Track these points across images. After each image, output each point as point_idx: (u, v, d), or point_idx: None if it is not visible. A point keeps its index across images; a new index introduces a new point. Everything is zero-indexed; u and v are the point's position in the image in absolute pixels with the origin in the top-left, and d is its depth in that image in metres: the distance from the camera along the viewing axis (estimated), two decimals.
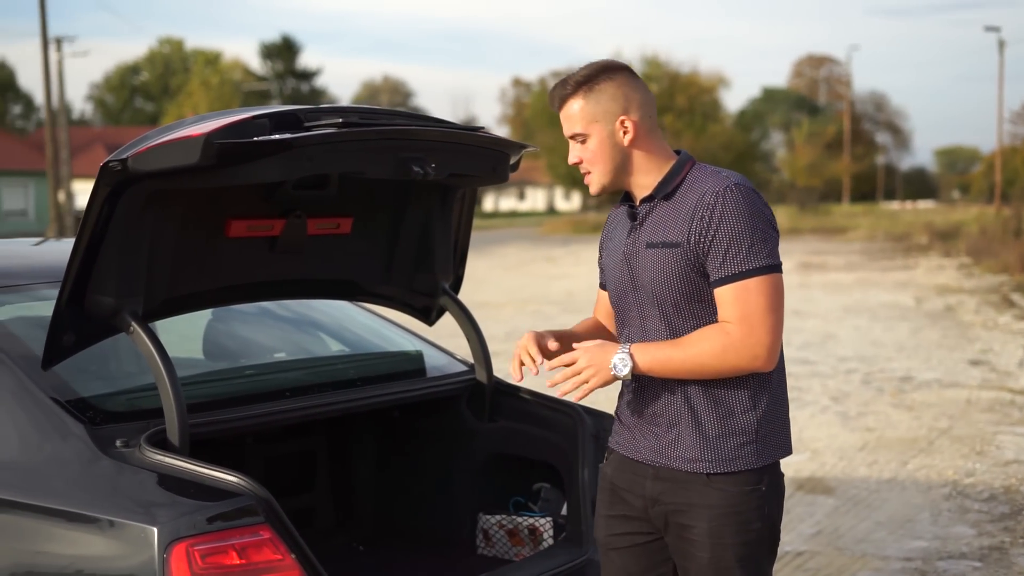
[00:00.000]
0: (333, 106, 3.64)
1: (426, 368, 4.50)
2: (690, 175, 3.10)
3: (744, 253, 2.97)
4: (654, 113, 3.16)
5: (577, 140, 3.12)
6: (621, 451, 3.26)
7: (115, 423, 3.44)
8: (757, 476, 3.06)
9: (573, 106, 3.10)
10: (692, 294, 3.05)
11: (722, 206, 2.98)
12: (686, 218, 3.03)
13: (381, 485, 4.61)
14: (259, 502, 3.12)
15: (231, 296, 3.98)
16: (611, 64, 3.13)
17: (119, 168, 3.24)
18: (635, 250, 3.14)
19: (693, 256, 3.01)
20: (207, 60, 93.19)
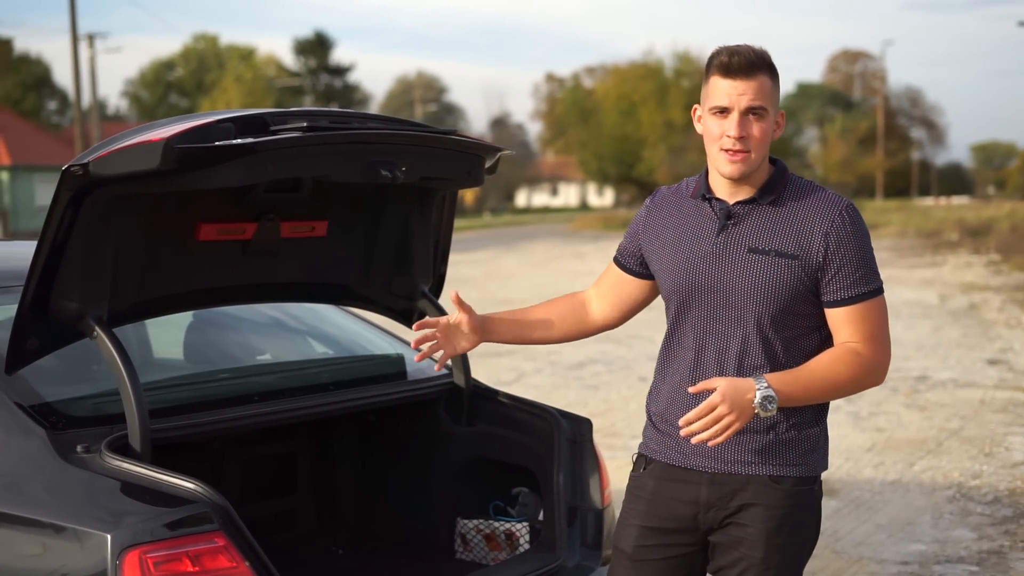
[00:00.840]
0: (303, 109, 3.63)
1: (407, 371, 4.49)
2: (791, 184, 3.11)
3: (868, 274, 3.03)
4: None
5: (755, 115, 3.01)
6: (664, 459, 3.22)
7: (78, 428, 3.45)
8: (812, 479, 3.15)
9: (765, 80, 3.01)
10: (792, 307, 3.05)
11: (849, 225, 3.02)
12: (804, 231, 3.02)
13: (363, 488, 4.61)
14: (215, 509, 3.11)
15: (204, 300, 3.98)
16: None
17: (80, 173, 3.24)
18: (727, 251, 3.08)
19: (810, 271, 3.02)
20: (241, 56, 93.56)
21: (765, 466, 3.09)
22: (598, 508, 4.06)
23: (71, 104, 79.90)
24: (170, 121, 3.37)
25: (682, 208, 3.21)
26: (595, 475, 4.11)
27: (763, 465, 3.09)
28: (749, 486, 3.09)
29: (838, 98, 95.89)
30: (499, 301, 19.76)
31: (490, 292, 21.67)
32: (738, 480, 3.10)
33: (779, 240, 3.04)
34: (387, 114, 5.01)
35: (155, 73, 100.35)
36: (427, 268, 4.34)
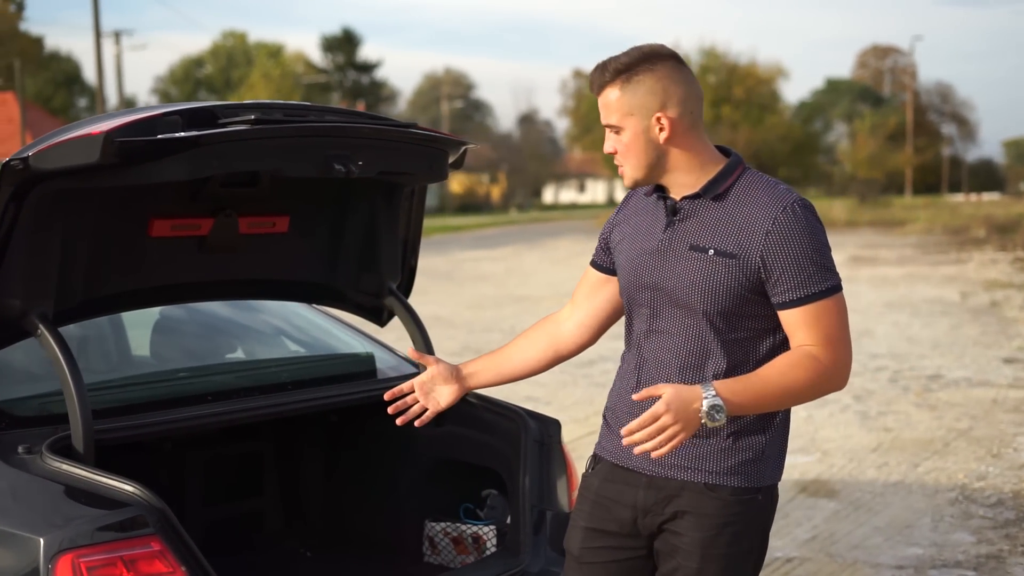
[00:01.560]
0: (257, 102, 3.54)
1: (376, 370, 4.40)
2: (743, 179, 2.95)
3: (820, 273, 2.85)
4: (698, 108, 2.95)
5: (611, 131, 2.94)
6: (611, 459, 3.12)
7: (22, 428, 3.38)
8: (754, 489, 2.98)
9: (609, 95, 2.90)
10: (733, 308, 2.90)
11: (792, 223, 2.85)
12: (746, 230, 2.87)
13: (330, 489, 4.52)
14: (151, 512, 3.03)
15: (159, 297, 3.89)
16: (655, 52, 2.91)
17: (21, 167, 3.16)
18: (671, 248, 2.96)
19: (750, 271, 2.86)
20: (269, 53, 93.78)
21: (700, 472, 2.96)
22: (565, 511, 3.95)
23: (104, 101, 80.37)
24: (117, 114, 3.29)
25: (643, 205, 3.11)
26: (563, 477, 4.00)
27: (698, 471, 2.96)
28: (684, 492, 2.97)
29: (868, 94, 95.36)
30: (517, 298, 19.70)
31: (509, 289, 21.60)
32: (673, 485, 2.98)
33: (720, 238, 2.90)
34: (408, 110, 4.93)
35: (184, 70, 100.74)
36: (395, 265, 4.24)
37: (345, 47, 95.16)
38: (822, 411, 9.67)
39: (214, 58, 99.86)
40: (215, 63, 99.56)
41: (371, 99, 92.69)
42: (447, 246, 37.14)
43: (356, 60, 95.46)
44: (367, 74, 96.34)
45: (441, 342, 14.26)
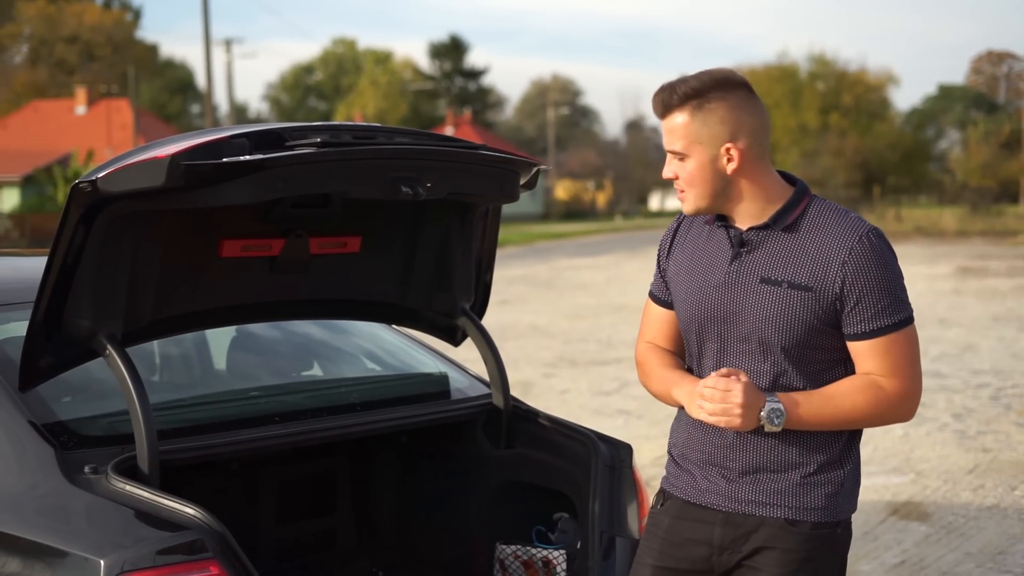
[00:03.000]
0: (326, 124, 3.55)
1: (450, 391, 4.38)
2: (811, 209, 2.89)
3: (893, 305, 2.82)
4: (767, 139, 2.90)
5: (675, 156, 2.88)
6: (682, 496, 3.06)
7: (89, 448, 3.41)
8: (833, 524, 2.94)
9: (676, 119, 2.84)
10: (809, 341, 2.86)
11: (869, 253, 2.81)
12: (819, 261, 2.82)
13: (402, 509, 4.51)
14: (211, 536, 3.04)
15: (229, 317, 3.92)
16: (728, 79, 2.85)
17: (89, 189, 3.19)
18: (739, 281, 2.90)
19: (826, 303, 2.82)
20: (377, 60, 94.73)
21: (780, 508, 2.91)
22: (636, 538, 3.89)
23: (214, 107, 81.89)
24: (184, 137, 3.31)
25: (701, 234, 3.03)
26: (634, 503, 3.94)
27: (778, 507, 2.91)
28: (763, 528, 2.91)
29: (981, 100, 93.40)
30: (615, 307, 19.62)
31: (608, 298, 21.53)
32: (752, 521, 2.93)
33: (793, 270, 2.84)
34: (514, 116, 4.86)
35: (295, 77, 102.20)
36: (468, 286, 4.22)
37: (452, 54, 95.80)
38: (919, 430, 9.47)
39: (324, 65, 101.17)
40: (325, 70, 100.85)
41: (477, 105, 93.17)
42: (550, 253, 37.16)
43: (463, 67, 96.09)
44: (474, 81, 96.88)
45: (536, 352, 14.25)
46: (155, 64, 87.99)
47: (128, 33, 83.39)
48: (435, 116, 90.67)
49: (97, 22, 79.55)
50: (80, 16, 79.08)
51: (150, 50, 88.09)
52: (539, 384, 11.90)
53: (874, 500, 7.40)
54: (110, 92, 65.70)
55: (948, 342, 14.65)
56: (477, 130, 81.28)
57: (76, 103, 62.57)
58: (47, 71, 77.05)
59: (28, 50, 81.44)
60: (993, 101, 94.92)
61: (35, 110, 62.67)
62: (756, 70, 65.74)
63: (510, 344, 14.84)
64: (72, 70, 76.61)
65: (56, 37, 77.71)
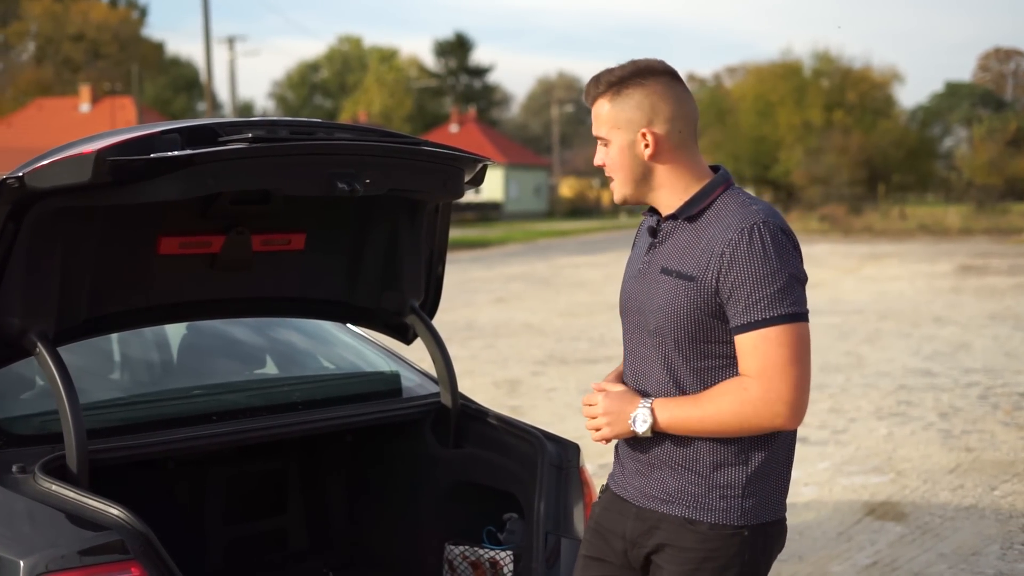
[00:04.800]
0: (261, 119, 3.51)
1: (402, 389, 4.33)
2: (720, 200, 2.87)
3: (767, 299, 2.74)
4: (688, 127, 2.89)
5: (601, 143, 2.94)
6: (613, 488, 3.07)
7: (19, 447, 3.38)
8: (739, 527, 2.87)
9: (600, 107, 2.91)
10: (696, 334, 2.82)
11: (747, 245, 2.75)
12: (706, 251, 2.79)
13: (353, 509, 4.47)
14: (133, 537, 3.00)
15: (169, 315, 3.87)
16: (649, 67, 2.88)
17: (16, 185, 3.15)
18: (649, 270, 2.92)
19: (708, 294, 2.78)
20: (382, 57, 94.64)
21: (679, 506, 2.88)
22: (580, 539, 3.84)
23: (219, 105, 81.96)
24: (117, 132, 3.27)
25: (641, 229, 3.08)
26: (580, 504, 3.90)
27: (677, 504, 2.88)
28: (664, 524, 2.90)
29: (989, 98, 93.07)
30: (611, 305, 19.50)
31: (605, 296, 21.44)
32: (655, 517, 2.91)
33: (685, 261, 2.84)
34: (520, 114, 4.74)
35: (300, 75, 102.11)
36: (418, 283, 4.17)
37: (458, 51, 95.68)
38: (903, 429, 9.40)
39: (329, 63, 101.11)
40: (330, 68, 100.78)
41: (483, 103, 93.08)
42: (550, 251, 37.08)
43: (468, 64, 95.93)
44: (479, 78, 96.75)
45: (527, 350, 14.20)
46: (161, 62, 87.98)
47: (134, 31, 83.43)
48: (440, 113, 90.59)
49: (103, 20, 79.59)
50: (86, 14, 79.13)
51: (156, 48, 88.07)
52: (527, 382, 11.85)
53: (851, 500, 7.35)
54: (114, 90, 65.74)
55: (942, 340, 14.58)
56: (482, 128, 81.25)
57: (80, 101, 62.61)
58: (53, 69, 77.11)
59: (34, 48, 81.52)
60: (1000, 98, 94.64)
61: (39, 108, 62.69)
62: (761, 67, 65.68)
63: (502, 342, 14.79)
64: (78, 68, 76.65)
65: (62, 35, 77.77)
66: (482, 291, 22.54)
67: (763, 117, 61.80)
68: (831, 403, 10.54)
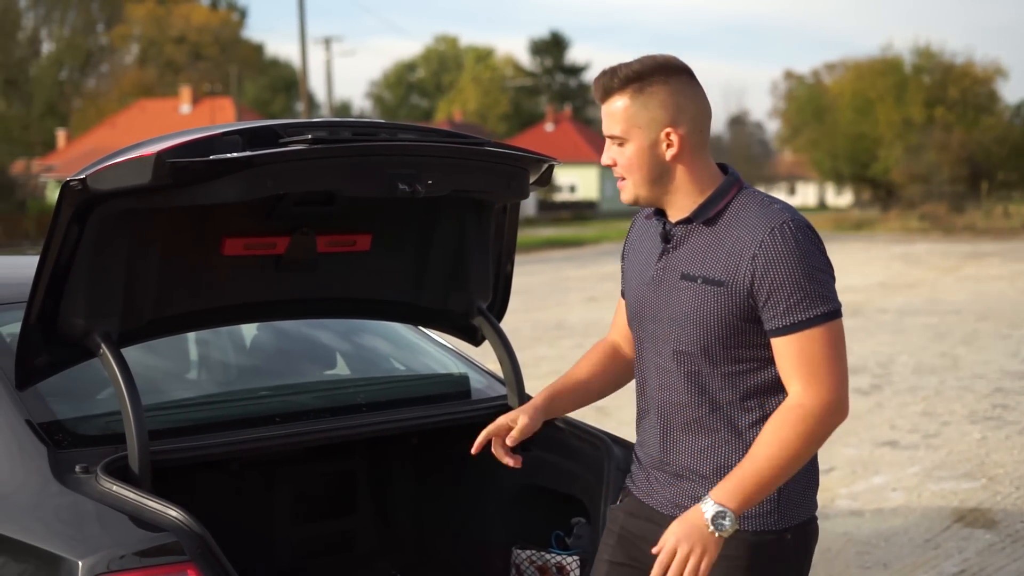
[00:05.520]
0: (323, 120, 3.49)
1: (471, 391, 4.30)
2: (736, 200, 2.79)
3: (808, 299, 2.66)
4: (706, 128, 2.82)
5: (614, 142, 2.81)
6: (637, 493, 3.00)
7: (83, 447, 3.39)
8: (781, 530, 2.81)
9: (617, 103, 2.77)
10: (728, 339, 2.75)
11: (781, 245, 2.67)
12: (733, 254, 2.72)
13: (421, 511, 4.44)
14: (190, 539, 2.99)
15: (235, 316, 3.87)
16: (670, 64, 2.79)
17: (80, 188, 3.17)
18: (665, 277, 2.83)
19: (739, 299, 2.71)
20: (478, 56, 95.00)
21: None
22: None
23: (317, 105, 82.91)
24: (179, 134, 3.27)
25: (647, 230, 2.98)
26: None
27: None
28: None
29: None
30: None
31: None
32: None
33: (709, 265, 2.75)
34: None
35: (397, 75, 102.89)
36: (485, 284, 4.13)
37: (553, 50, 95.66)
38: (998, 433, 9.18)
39: (426, 62, 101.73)
40: (427, 67, 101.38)
41: (578, 102, 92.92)
42: None
43: (564, 63, 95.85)
44: (575, 77, 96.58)
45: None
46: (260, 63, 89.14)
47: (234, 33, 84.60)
48: (536, 112, 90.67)
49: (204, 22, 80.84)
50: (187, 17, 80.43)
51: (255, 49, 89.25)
52: None
53: (940, 506, 7.18)
54: (214, 91, 66.73)
55: None
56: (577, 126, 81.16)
57: (181, 102, 63.74)
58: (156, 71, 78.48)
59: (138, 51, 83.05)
60: None
61: (142, 109, 63.91)
62: (860, 63, 64.71)
63: (592, 341, 14.71)
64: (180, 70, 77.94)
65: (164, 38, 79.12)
66: (574, 290, 22.49)
67: (862, 114, 60.84)
68: (924, 406, 10.33)
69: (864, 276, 24.88)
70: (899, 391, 11.17)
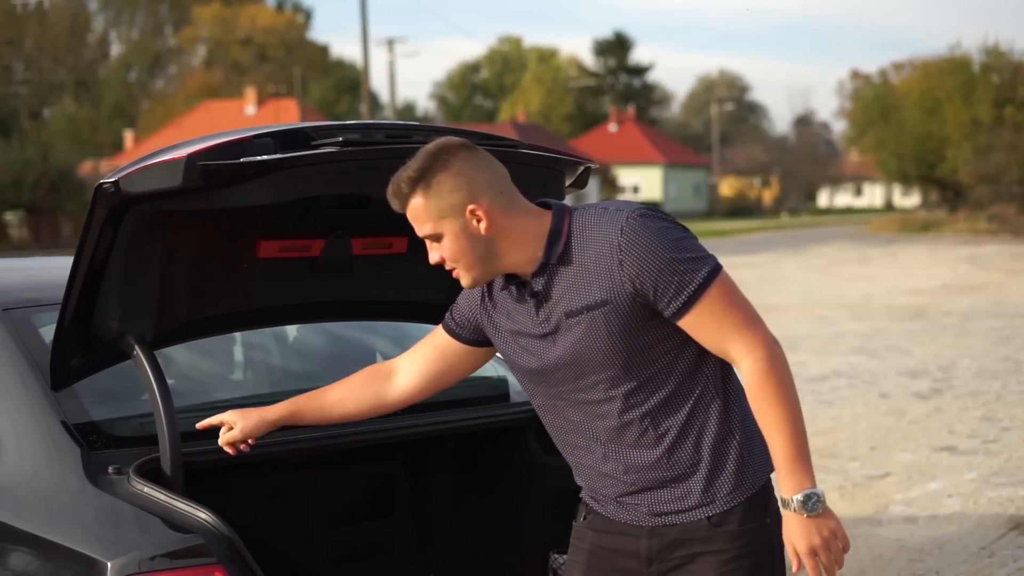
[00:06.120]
0: (357, 123, 3.47)
1: (509, 394, 4.28)
2: (574, 225, 2.80)
3: (686, 271, 2.68)
4: (506, 187, 2.85)
5: (432, 240, 2.85)
6: (606, 514, 2.96)
7: (116, 448, 3.40)
8: (761, 510, 2.83)
9: (416, 207, 2.81)
10: (638, 345, 2.76)
11: (637, 237, 2.69)
12: (601, 271, 2.73)
13: (459, 514, 4.42)
14: (218, 541, 3.00)
15: (271, 318, 3.87)
16: (442, 148, 2.82)
17: (112, 190, 3.18)
18: (553, 324, 2.83)
19: (627, 306, 2.72)
20: (541, 57, 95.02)
21: (702, 508, 2.81)
22: None
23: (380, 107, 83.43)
24: (211, 136, 3.28)
25: (508, 296, 2.95)
26: None
27: (699, 508, 2.81)
28: (692, 535, 2.81)
29: None
30: (764, 307, 19.13)
31: (759, 297, 21.06)
32: (675, 531, 2.82)
33: (584, 293, 2.76)
34: (680, 112, 4.61)
35: (461, 75, 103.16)
36: None
37: (617, 50, 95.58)
38: None
39: (490, 63, 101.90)
40: (491, 68, 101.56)
41: (642, 102, 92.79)
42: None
43: (628, 63, 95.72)
44: (639, 77, 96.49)
45: None
46: (325, 64, 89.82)
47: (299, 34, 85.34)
48: (599, 113, 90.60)
49: (270, 24, 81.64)
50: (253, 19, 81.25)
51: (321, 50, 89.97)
52: None
53: (996, 513, 7.06)
54: (278, 92, 67.30)
55: None
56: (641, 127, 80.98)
57: (246, 103, 64.32)
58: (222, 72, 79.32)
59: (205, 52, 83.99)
60: None
61: (207, 110, 64.58)
62: (928, 63, 63.94)
63: None
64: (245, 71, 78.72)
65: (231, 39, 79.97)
66: None
67: (929, 114, 60.01)
68: (984, 411, 10.18)
69: (929, 278, 24.58)
70: (959, 395, 11.01)
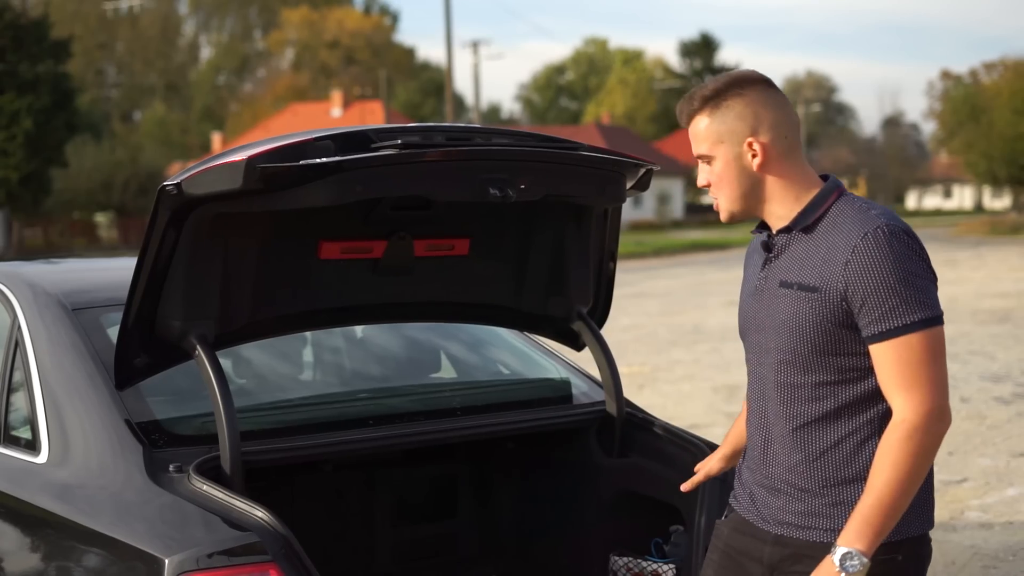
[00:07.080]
0: (417, 125, 3.51)
1: (572, 396, 4.29)
2: (835, 207, 2.75)
3: (904, 305, 2.60)
4: (794, 134, 2.80)
5: (704, 161, 2.83)
6: (739, 510, 2.96)
7: (178, 447, 3.46)
8: (892, 547, 2.70)
9: (699, 124, 2.80)
10: (824, 345, 2.70)
11: (873, 250, 2.62)
12: (828, 260, 2.68)
13: (521, 515, 4.44)
14: (273, 539, 3.03)
15: (333, 319, 3.92)
16: (744, 77, 2.81)
17: (175, 192, 3.23)
18: (767, 286, 2.81)
19: (834, 304, 2.66)
20: (626, 59, 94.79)
21: (824, 532, 2.71)
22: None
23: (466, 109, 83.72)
24: (273, 139, 3.32)
25: (755, 241, 2.96)
26: None
27: (822, 531, 2.72)
28: (815, 553, 2.70)
29: None
30: None
31: None
32: (796, 544, 2.76)
33: (806, 272, 2.71)
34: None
35: (546, 77, 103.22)
36: (586, 289, 4.11)
37: (703, 52, 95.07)
38: None
39: (575, 65, 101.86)
40: (576, 70, 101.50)
41: None
42: None
43: (714, 65, 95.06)
44: None
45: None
46: (411, 67, 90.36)
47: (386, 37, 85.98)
48: None
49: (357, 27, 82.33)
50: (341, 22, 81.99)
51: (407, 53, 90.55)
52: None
53: None
54: (364, 95, 67.80)
55: None
56: None
57: (332, 105, 64.87)
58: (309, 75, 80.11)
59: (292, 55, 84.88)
60: None
61: (294, 113, 65.24)
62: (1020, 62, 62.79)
63: (728, 346, 14.54)
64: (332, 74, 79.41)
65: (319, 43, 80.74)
66: (715, 294, 22.26)
67: (1020, 115, 58.86)
68: None
69: (1017, 281, 24.13)
70: None
